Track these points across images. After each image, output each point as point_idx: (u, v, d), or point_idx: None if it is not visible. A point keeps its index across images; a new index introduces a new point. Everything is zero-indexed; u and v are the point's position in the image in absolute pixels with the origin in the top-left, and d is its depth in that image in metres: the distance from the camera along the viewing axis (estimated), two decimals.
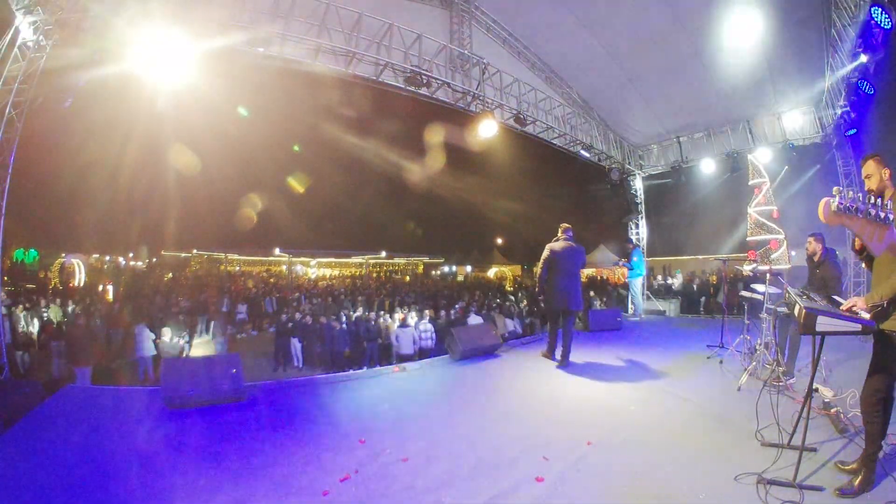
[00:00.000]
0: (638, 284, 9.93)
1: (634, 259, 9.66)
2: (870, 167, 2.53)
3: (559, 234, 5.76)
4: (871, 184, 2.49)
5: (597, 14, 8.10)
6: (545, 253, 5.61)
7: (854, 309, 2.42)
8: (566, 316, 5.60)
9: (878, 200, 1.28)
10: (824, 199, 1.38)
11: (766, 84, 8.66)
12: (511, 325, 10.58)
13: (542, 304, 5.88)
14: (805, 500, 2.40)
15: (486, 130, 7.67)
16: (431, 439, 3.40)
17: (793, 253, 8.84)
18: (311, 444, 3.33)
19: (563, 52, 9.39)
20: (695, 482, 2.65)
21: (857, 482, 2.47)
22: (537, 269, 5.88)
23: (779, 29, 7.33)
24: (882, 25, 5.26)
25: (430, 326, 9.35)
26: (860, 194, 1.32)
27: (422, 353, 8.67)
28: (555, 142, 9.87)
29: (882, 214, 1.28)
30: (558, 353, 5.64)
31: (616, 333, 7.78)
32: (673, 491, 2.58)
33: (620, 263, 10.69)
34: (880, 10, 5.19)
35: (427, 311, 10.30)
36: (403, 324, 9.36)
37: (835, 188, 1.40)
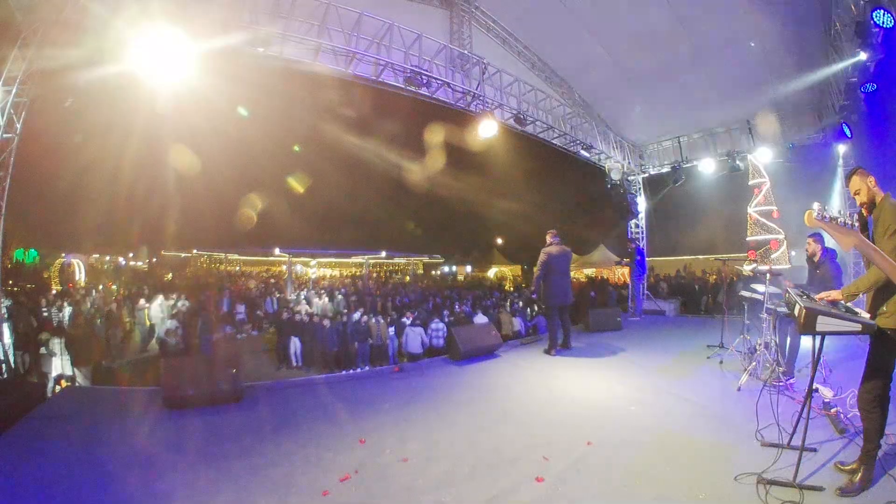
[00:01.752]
0: (639, 284, 9.95)
1: (639, 259, 9.69)
2: (855, 183, 2.58)
3: (549, 239, 6.48)
4: (862, 197, 2.56)
5: (597, 14, 8.10)
6: (542, 257, 6.38)
7: (828, 300, 2.55)
8: (563, 311, 6.45)
9: (848, 213, 1.78)
10: (808, 210, 1.95)
11: (766, 84, 8.66)
12: (517, 324, 10.62)
13: (541, 303, 6.61)
14: (805, 500, 2.40)
15: (486, 130, 7.67)
16: (431, 439, 3.40)
17: (793, 253, 8.84)
18: (311, 444, 3.33)
19: (563, 52, 9.39)
20: (695, 482, 2.65)
21: (857, 479, 2.48)
22: (537, 271, 6.58)
23: (779, 29, 7.32)
24: (882, 25, 5.25)
25: (441, 325, 9.37)
26: (834, 209, 1.79)
27: (433, 352, 8.68)
28: (555, 142, 9.86)
29: (848, 223, 1.78)
30: (556, 343, 6.36)
31: (616, 333, 7.79)
32: (673, 491, 2.58)
33: (623, 263, 10.70)
34: (882, 10, 5.19)
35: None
36: (413, 323, 9.42)
37: (816, 203, 1.96)
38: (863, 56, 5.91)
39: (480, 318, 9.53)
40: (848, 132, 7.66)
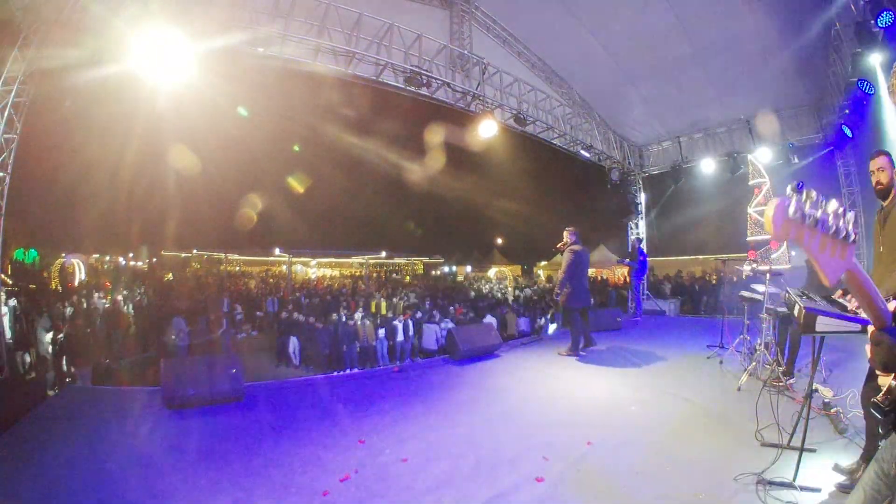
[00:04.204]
0: (639, 284, 9.98)
1: (641, 259, 9.71)
2: (882, 161, 2.53)
3: (570, 238, 6.15)
4: (883, 177, 2.47)
5: (596, 14, 8.10)
6: (570, 257, 6.02)
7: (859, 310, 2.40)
8: (584, 313, 6.25)
9: (842, 210, 0.91)
10: (776, 201, 0.89)
11: (766, 84, 8.66)
12: (523, 323, 10.67)
13: (564, 304, 6.16)
14: (805, 500, 2.40)
15: (486, 130, 7.66)
16: (431, 439, 3.40)
17: (793, 253, 8.84)
18: (311, 444, 3.33)
19: (563, 52, 9.39)
20: (695, 482, 2.65)
21: (857, 480, 2.48)
22: (559, 273, 6.32)
23: (779, 29, 7.32)
24: (882, 25, 5.25)
25: (452, 325, 9.45)
26: (822, 198, 0.92)
27: (444, 351, 8.76)
28: (555, 142, 9.86)
29: (847, 229, 0.90)
30: (578, 346, 6.17)
31: (616, 333, 7.78)
32: (673, 491, 2.58)
33: (625, 262, 10.72)
34: (882, 10, 5.19)
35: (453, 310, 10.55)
36: (429, 321, 9.51)
37: (790, 186, 0.95)
38: (863, 57, 5.90)
39: (489, 319, 9.61)
40: (848, 133, 7.66)
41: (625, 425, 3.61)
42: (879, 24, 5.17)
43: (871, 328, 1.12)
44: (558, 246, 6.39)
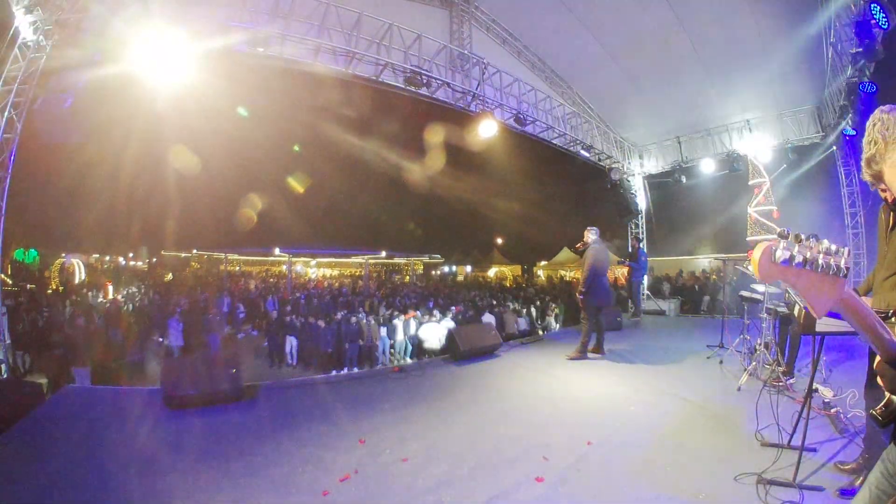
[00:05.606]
0: (639, 284, 9.98)
1: (641, 259, 9.70)
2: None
3: (590, 237, 6.12)
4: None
5: (597, 14, 8.11)
6: (593, 254, 6.02)
7: None
8: (600, 312, 6.20)
9: (833, 247, 0.89)
10: (763, 246, 0.88)
11: (766, 84, 8.67)
12: (522, 323, 10.67)
13: (586, 303, 6.08)
14: (805, 500, 2.40)
15: (486, 130, 7.66)
16: (431, 439, 3.40)
17: None
18: (311, 444, 3.33)
19: (563, 52, 9.40)
20: (695, 482, 2.65)
21: (858, 482, 2.47)
22: (580, 273, 6.31)
23: (778, 29, 7.33)
24: (881, 25, 5.25)
25: (452, 324, 9.44)
26: (812, 239, 0.90)
27: (445, 351, 8.77)
28: (555, 142, 9.87)
29: (839, 264, 0.88)
30: (591, 346, 6.11)
31: (616, 333, 7.78)
32: (673, 491, 2.58)
33: (625, 262, 10.72)
34: (879, 9, 5.19)
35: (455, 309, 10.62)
36: (432, 321, 9.55)
37: (779, 230, 0.91)
38: (863, 58, 5.89)
39: (487, 318, 9.60)
40: (852, 132, 7.65)
41: (625, 425, 3.62)
42: (879, 24, 5.17)
43: (877, 358, 1.02)
44: (578, 246, 6.39)
